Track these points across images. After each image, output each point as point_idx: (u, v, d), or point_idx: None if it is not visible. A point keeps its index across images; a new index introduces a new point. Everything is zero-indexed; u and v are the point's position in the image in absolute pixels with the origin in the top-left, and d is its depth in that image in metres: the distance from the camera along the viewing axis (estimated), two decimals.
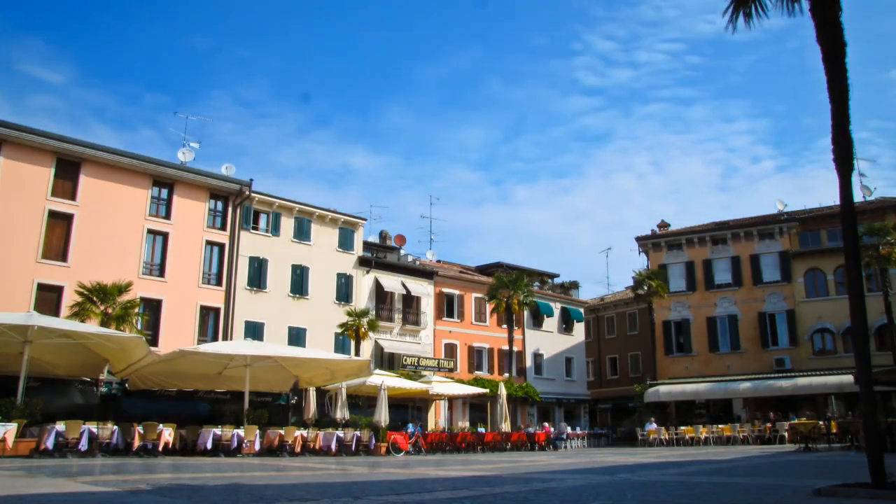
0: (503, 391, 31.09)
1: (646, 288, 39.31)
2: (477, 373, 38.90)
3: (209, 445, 19.01)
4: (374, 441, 23.63)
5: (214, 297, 29.76)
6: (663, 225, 44.66)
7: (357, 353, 29.99)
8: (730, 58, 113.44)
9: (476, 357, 40.01)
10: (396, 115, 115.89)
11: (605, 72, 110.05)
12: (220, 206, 31.06)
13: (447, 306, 39.29)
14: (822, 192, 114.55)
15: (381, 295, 36.05)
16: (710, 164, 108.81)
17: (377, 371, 28.31)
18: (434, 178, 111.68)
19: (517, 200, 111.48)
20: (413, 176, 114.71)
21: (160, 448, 18.42)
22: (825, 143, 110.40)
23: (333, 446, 21.68)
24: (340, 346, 32.47)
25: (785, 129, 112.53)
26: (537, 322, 43.81)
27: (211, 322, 29.62)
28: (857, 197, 35.51)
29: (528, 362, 42.53)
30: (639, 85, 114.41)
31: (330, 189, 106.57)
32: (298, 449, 20.81)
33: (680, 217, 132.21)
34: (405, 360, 34.89)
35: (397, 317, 36.58)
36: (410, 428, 26.64)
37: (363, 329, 30.39)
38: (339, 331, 31.11)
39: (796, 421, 28.16)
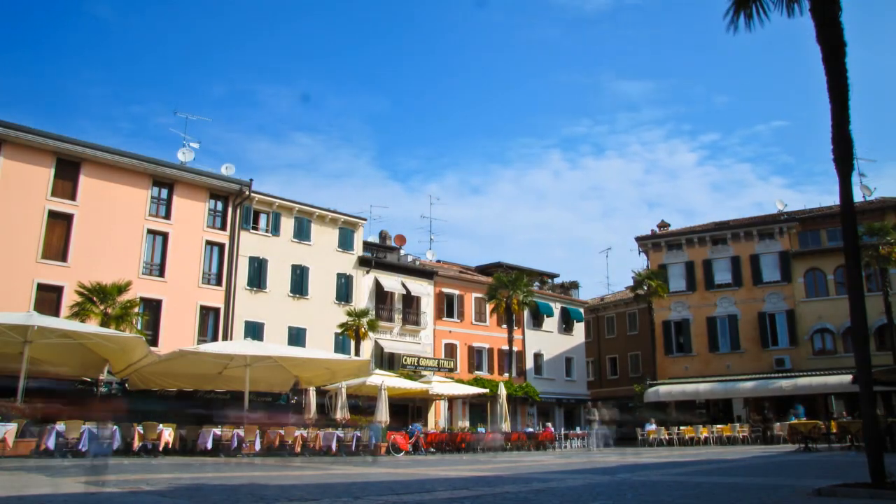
0: (503, 391, 31.08)
1: (646, 288, 39.31)
2: (477, 373, 38.90)
3: (209, 445, 19.00)
4: (374, 441, 23.62)
5: (214, 297, 29.76)
6: (663, 225, 44.66)
7: (357, 353, 29.99)
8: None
9: (476, 357, 40.01)
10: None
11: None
12: (220, 206, 31.07)
13: (447, 306, 39.29)
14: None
15: (381, 295, 36.06)
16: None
17: (377, 371, 28.31)
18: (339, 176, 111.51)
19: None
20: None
21: (160, 448, 18.42)
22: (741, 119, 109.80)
23: (333, 446, 21.68)
24: (340, 346, 32.47)
25: (700, 115, 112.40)
26: (537, 322, 43.81)
27: (211, 322, 29.62)
28: (857, 197, 35.59)
29: (528, 362, 42.53)
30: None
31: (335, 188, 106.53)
32: (298, 449, 20.80)
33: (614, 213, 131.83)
34: (405, 360, 34.90)
35: (397, 317, 36.58)
36: (414, 427, 26.64)
37: (363, 329, 30.39)
38: (339, 331, 31.11)
39: (795, 421, 28.12)
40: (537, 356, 43.50)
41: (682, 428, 33.11)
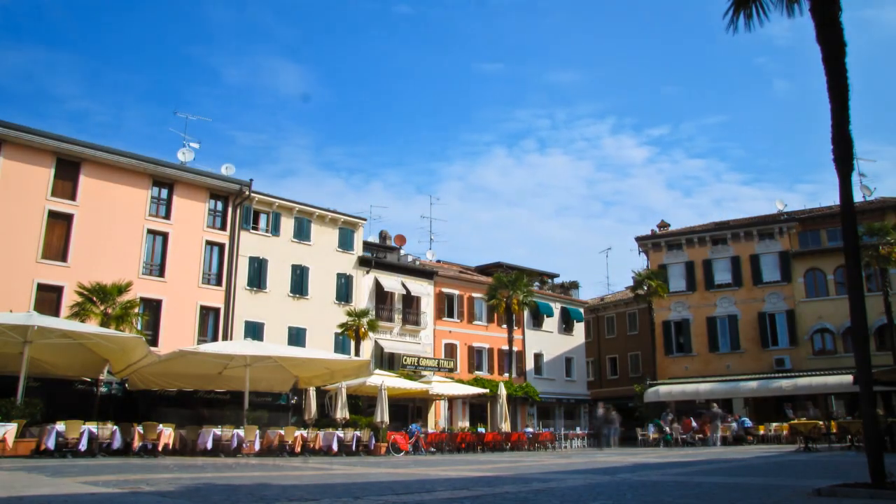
0: (503, 391, 31.06)
1: (646, 288, 39.32)
2: (477, 373, 38.90)
3: (209, 445, 19.00)
4: (374, 441, 23.63)
5: (214, 297, 29.76)
6: (663, 225, 44.67)
7: (357, 353, 29.99)
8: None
9: (476, 357, 40.02)
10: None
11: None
12: (220, 206, 31.07)
13: (447, 306, 39.29)
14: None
15: (381, 295, 36.05)
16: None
17: (377, 371, 28.31)
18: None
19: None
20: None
21: (160, 448, 18.42)
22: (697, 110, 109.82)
23: (334, 446, 21.68)
24: (340, 346, 32.47)
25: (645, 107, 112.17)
26: (537, 322, 43.82)
27: (211, 322, 29.62)
28: (857, 197, 35.59)
29: (529, 362, 42.53)
30: None
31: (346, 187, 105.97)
32: (298, 449, 20.81)
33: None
34: (405, 360, 34.90)
35: (397, 317, 36.58)
36: (414, 427, 26.64)
37: (363, 329, 30.38)
38: (339, 331, 31.11)
39: (795, 421, 28.12)
40: (537, 356, 43.50)
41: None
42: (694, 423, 32.65)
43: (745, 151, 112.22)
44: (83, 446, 16.73)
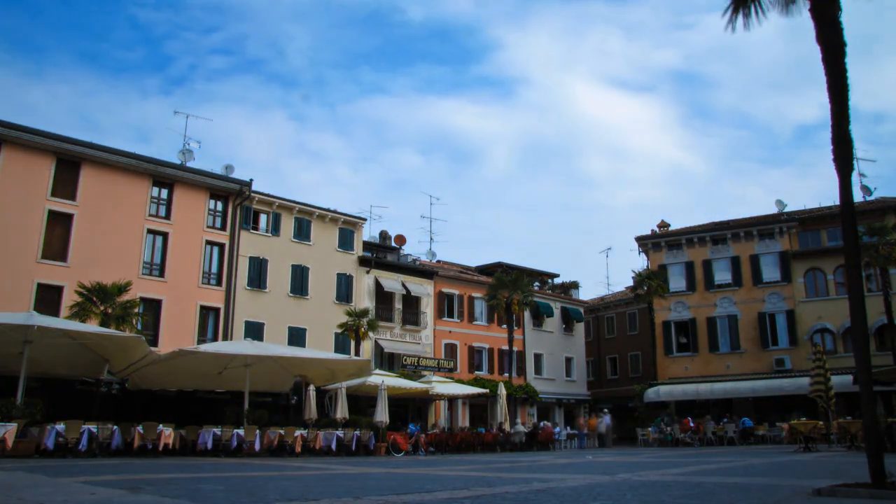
0: (503, 391, 31.08)
1: (646, 288, 39.31)
2: (477, 373, 38.90)
3: (209, 445, 19.02)
4: (373, 441, 23.64)
5: (214, 297, 29.76)
6: (663, 225, 44.63)
7: (357, 353, 29.99)
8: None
9: (476, 357, 40.02)
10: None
11: None
12: (220, 206, 31.06)
13: (447, 306, 39.29)
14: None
15: (381, 295, 36.05)
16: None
17: (377, 371, 28.31)
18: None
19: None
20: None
21: (160, 448, 18.43)
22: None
23: (333, 446, 21.69)
24: (340, 346, 32.45)
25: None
26: (537, 322, 43.81)
27: (211, 322, 29.62)
28: (857, 197, 35.56)
29: (529, 362, 42.52)
30: None
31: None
32: (298, 449, 20.81)
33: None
34: (405, 360, 34.90)
35: (397, 317, 36.58)
36: (412, 428, 26.66)
37: (363, 329, 30.37)
38: (339, 331, 31.10)
39: (795, 421, 28.11)
40: (537, 356, 43.49)
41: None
42: (692, 424, 32.72)
43: None
44: (83, 446, 16.75)
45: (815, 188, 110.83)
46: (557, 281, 50.25)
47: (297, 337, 31.65)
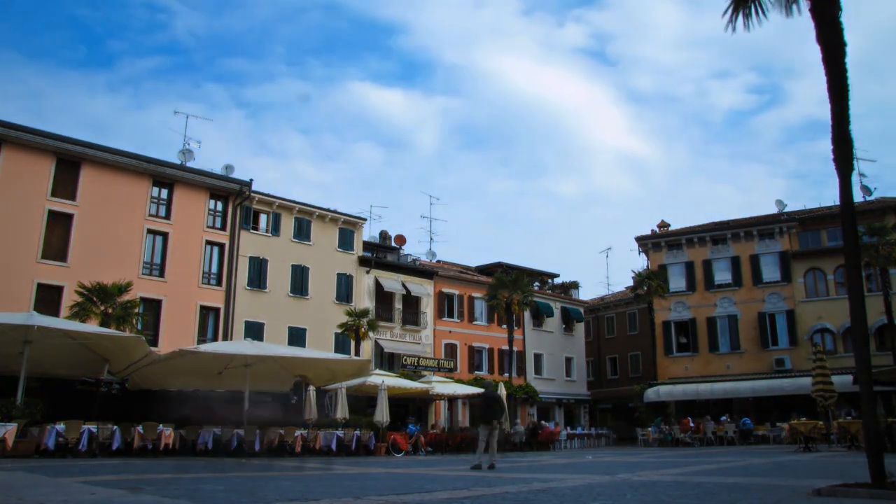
0: (503, 391, 31.05)
1: (646, 288, 39.32)
2: (477, 373, 38.89)
3: (209, 445, 19.02)
4: (373, 441, 23.64)
5: (214, 297, 29.76)
6: (663, 225, 44.64)
7: (357, 353, 30.00)
8: None
9: (476, 357, 40.02)
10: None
11: None
12: (220, 206, 31.06)
13: (447, 306, 39.29)
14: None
15: (381, 295, 36.05)
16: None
17: (377, 371, 28.30)
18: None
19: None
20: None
21: (160, 448, 18.42)
22: None
23: (333, 446, 21.69)
24: (340, 346, 32.46)
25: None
26: (537, 322, 43.82)
27: (211, 322, 29.62)
28: (857, 197, 35.57)
29: (529, 362, 42.53)
30: None
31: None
32: (298, 449, 20.81)
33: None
34: (405, 360, 34.90)
35: (397, 317, 36.58)
36: (412, 428, 26.66)
37: (363, 329, 30.38)
38: (339, 331, 31.10)
39: (795, 421, 28.11)
40: (537, 356, 43.49)
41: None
42: (692, 424, 32.74)
43: None
44: (83, 446, 16.74)
45: (812, 187, 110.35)
46: (557, 281, 50.28)
47: (297, 337, 31.65)
